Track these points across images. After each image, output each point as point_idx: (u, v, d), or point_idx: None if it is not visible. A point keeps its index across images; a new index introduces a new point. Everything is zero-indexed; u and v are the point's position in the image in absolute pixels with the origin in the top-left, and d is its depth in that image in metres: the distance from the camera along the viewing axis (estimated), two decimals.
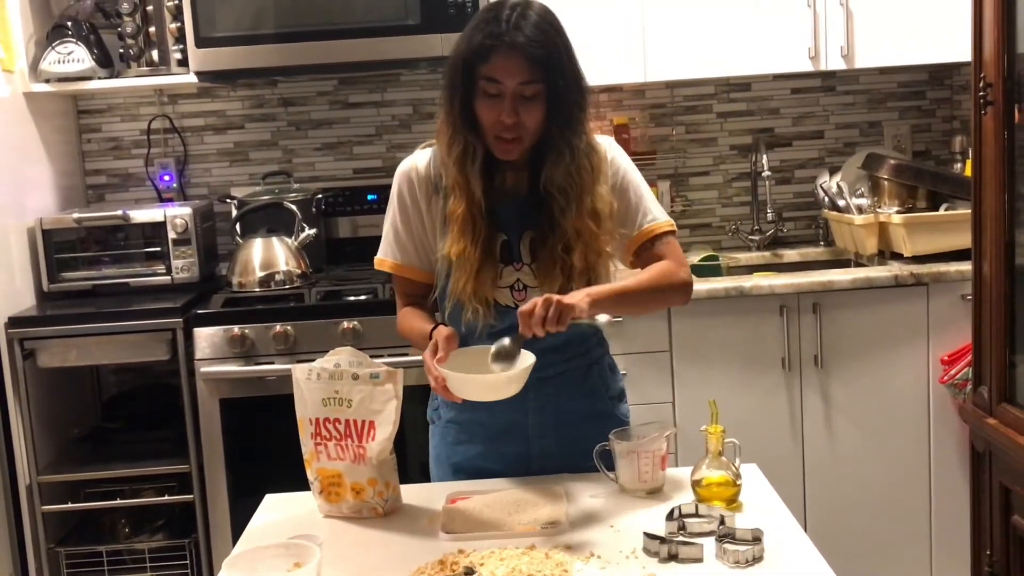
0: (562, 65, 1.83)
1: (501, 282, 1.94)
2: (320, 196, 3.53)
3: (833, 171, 3.63)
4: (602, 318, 1.83)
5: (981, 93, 2.33)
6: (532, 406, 1.98)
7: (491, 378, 1.77)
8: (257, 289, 3.21)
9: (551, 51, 1.82)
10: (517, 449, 2.01)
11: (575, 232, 1.88)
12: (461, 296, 1.90)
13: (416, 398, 2.18)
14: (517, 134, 1.85)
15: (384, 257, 2.04)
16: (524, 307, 1.74)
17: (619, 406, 2.10)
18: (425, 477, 2.14)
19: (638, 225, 1.99)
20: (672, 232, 2.03)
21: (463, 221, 1.88)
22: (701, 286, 3.08)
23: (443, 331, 1.84)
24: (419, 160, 1.99)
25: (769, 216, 3.56)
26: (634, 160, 2.06)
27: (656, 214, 2.02)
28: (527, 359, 1.78)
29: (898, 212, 3.26)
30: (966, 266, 2.88)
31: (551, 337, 1.82)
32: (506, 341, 1.78)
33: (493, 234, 1.91)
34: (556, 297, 1.74)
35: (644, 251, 2.00)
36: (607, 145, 2.00)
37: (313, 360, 1.88)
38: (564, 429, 2.00)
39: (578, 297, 1.78)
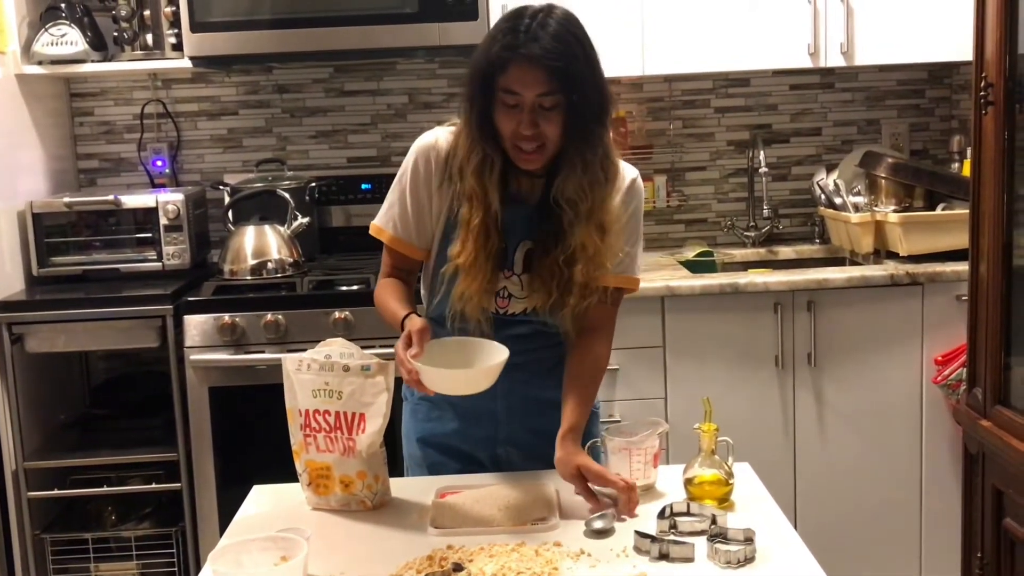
0: (581, 77, 1.78)
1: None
2: (314, 184, 3.50)
3: (830, 168, 3.62)
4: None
5: (982, 93, 2.31)
6: (501, 391, 1.95)
7: (464, 373, 1.78)
8: (249, 277, 3.19)
9: (570, 62, 1.77)
10: (486, 432, 2.02)
11: (580, 245, 1.86)
12: (465, 304, 1.88)
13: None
14: (538, 143, 1.81)
15: (383, 227, 2.01)
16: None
17: None
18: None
19: (611, 269, 1.95)
20: (634, 290, 2.03)
21: (478, 232, 1.85)
22: (695, 282, 3.06)
23: (416, 323, 1.80)
24: (441, 139, 1.95)
25: (765, 212, 3.55)
26: (631, 154, 2.05)
27: (633, 267, 2.00)
28: (500, 354, 1.79)
29: (895, 211, 3.25)
30: (962, 266, 2.87)
31: (521, 326, 1.92)
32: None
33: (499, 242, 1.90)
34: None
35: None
36: (633, 174, 1.97)
37: (304, 350, 1.86)
38: (532, 416, 2.00)
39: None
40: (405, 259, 2.02)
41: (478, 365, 1.81)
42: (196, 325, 2.99)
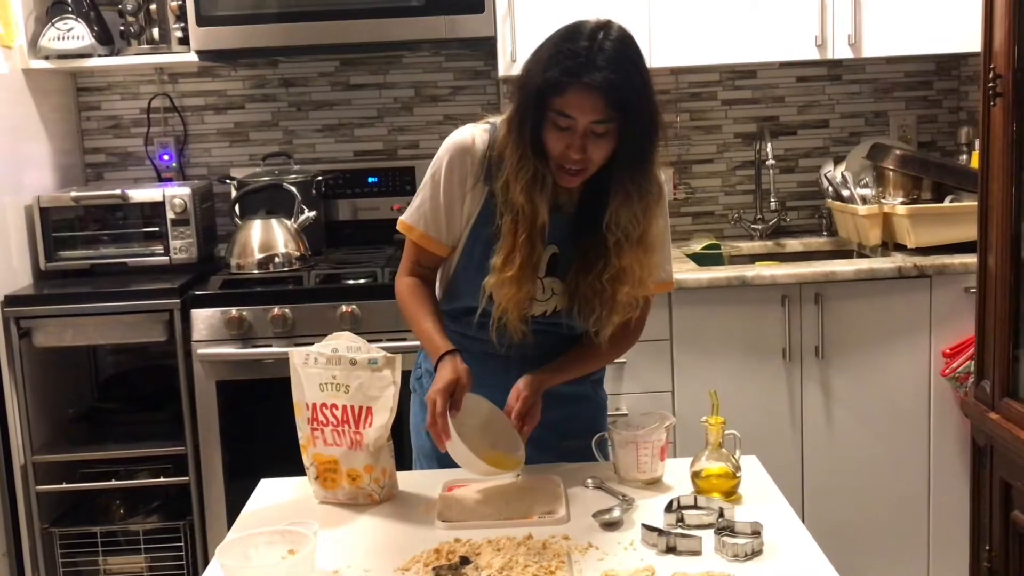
0: (638, 106, 1.76)
1: None
2: (320, 178, 3.50)
3: (838, 161, 3.61)
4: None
5: (990, 84, 2.30)
6: (512, 385, 1.96)
7: (486, 468, 1.78)
8: (255, 271, 3.20)
9: (628, 91, 1.74)
10: None
11: (628, 267, 1.86)
12: (508, 316, 1.88)
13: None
14: (583, 166, 1.80)
15: (412, 224, 1.98)
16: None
17: (599, 390, 2.13)
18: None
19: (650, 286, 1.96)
20: (670, 290, 2.06)
21: (524, 245, 1.84)
22: (702, 275, 3.06)
23: (462, 373, 1.81)
24: (478, 140, 1.92)
25: (772, 205, 3.54)
26: None
27: (667, 271, 2.01)
28: (517, 461, 1.84)
29: (902, 203, 3.24)
30: (970, 259, 2.87)
31: (537, 324, 1.92)
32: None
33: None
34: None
35: None
36: (662, 180, 1.97)
37: (311, 344, 1.86)
38: (544, 409, 1.98)
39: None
40: (431, 256, 2.00)
41: (494, 446, 1.86)
42: (203, 319, 3.00)
